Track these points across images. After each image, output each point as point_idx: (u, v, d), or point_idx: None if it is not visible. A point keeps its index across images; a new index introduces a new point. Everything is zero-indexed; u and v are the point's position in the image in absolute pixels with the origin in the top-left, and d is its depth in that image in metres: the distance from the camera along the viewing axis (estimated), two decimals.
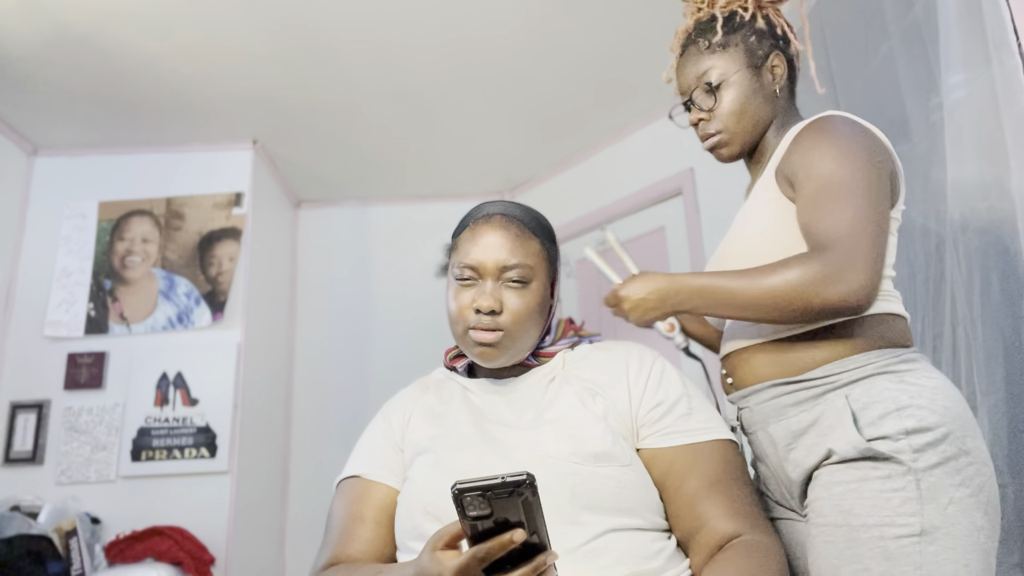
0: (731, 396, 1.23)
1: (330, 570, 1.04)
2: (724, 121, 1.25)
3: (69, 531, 2.48)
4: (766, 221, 1.17)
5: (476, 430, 1.08)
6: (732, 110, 1.24)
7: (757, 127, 1.26)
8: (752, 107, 1.24)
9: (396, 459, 1.13)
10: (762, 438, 1.15)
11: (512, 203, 1.18)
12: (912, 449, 0.97)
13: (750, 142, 1.27)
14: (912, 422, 0.98)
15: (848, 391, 1.05)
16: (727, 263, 1.20)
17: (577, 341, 1.21)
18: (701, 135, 1.29)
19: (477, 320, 1.08)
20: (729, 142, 1.26)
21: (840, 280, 1.00)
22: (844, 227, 1.02)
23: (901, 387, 1.02)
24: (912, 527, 0.95)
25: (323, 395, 3.61)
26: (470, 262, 1.10)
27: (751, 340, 1.16)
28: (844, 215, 1.03)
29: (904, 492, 0.96)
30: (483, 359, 1.10)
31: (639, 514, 0.99)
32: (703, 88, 1.26)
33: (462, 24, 2.58)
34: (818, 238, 1.04)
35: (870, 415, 1.01)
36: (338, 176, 3.66)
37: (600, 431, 1.02)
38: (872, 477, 0.98)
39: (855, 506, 0.98)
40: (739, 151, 1.28)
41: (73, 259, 3.07)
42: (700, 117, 1.28)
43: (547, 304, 1.16)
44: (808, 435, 1.07)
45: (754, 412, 1.16)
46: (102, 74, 2.73)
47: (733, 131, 1.25)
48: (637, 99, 3.12)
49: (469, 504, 0.70)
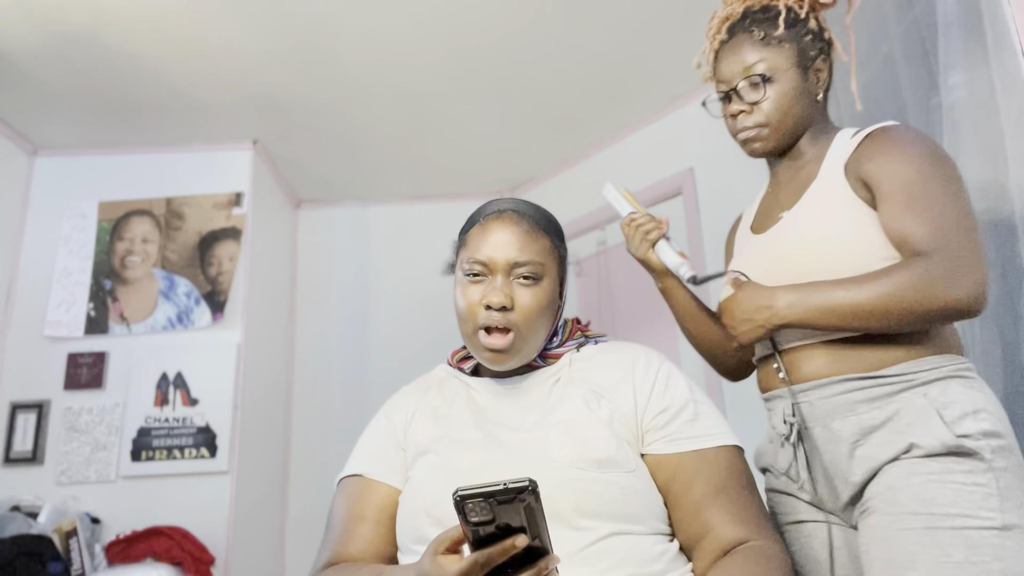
0: (782, 390, 1.21)
1: (331, 569, 1.04)
2: (768, 116, 1.23)
3: (69, 531, 2.48)
4: (847, 221, 1.15)
5: (479, 431, 1.07)
6: (779, 107, 1.23)
7: (797, 128, 1.25)
8: (797, 107, 1.23)
9: (398, 458, 1.12)
10: (821, 434, 1.14)
11: (522, 200, 1.17)
12: (991, 450, 1.01)
13: (787, 141, 1.26)
14: (987, 425, 1.03)
15: (925, 390, 1.07)
16: (806, 266, 1.16)
17: (583, 342, 1.19)
18: (738, 127, 1.26)
19: (487, 317, 1.06)
20: (767, 137, 1.25)
21: (957, 282, 1.01)
22: (950, 229, 1.04)
23: (973, 391, 1.06)
24: (993, 521, 0.97)
25: (323, 395, 3.61)
26: (481, 257, 1.09)
27: (817, 336, 1.16)
28: (946, 218, 1.05)
29: (986, 488, 0.99)
30: (493, 364, 1.09)
31: (642, 520, 0.98)
32: (750, 80, 1.23)
33: (462, 24, 2.58)
34: (922, 242, 1.05)
35: (950, 414, 1.03)
36: (338, 176, 3.66)
37: (605, 436, 1.01)
38: (955, 471, 1.01)
39: (937, 496, 1.00)
40: (773, 148, 1.26)
41: (73, 259, 3.07)
42: (742, 109, 1.25)
43: (556, 303, 1.15)
44: (882, 431, 1.08)
45: (816, 407, 1.15)
46: (102, 74, 2.73)
47: (774, 127, 1.24)
48: (637, 99, 3.12)
49: (471, 510, 0.70)
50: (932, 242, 1.04)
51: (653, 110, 3.19)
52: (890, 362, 1.10)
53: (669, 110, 3.16)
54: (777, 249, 1.23)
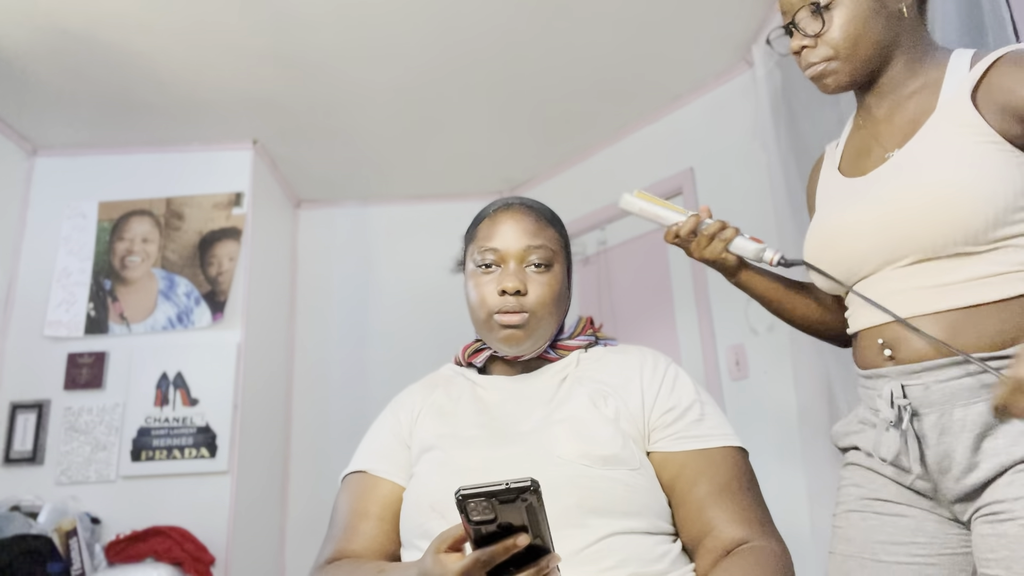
0: (887, 369, 1.03)
1: (333, 565, 1.04)
2: (835, 46, 1.06)
3: (69, 531, 2.48)
4: (983, 162, 0.95)
5: (484, 429, 1.08)
6: (845, 34, 1.05)
7: (876, 54, 1.06)
8: (870, 31, 1.05)
9: (403, 456, 1.13)
10: (936, 422, 0.97)
11: (527, 197, 1.21)
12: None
13: (865, 71, 1.08)
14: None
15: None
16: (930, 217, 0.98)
17: (593, 342, 1.20)
18: (803, 64, 1.10)
19: (502, 303, 1.08)
20: (838, 71, 1.07)
21: None
22: None
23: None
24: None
25: (323, 395, 3.61)
26: (493, 245, 1.12)
27: (931, 307, 0.98)
28: None
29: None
30: (509, 343, 1.10)
31: (645, 518, 0.99)
32: (809, 7, 1.06)
33: (462, 24, 2.58)
34: None
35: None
36: (338, 176, 3.66)
37: (610, 434, 1.02)
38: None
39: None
40: (849, 82, 1.09)
41: (73, 259, 3.07)
42: (803, 44, 1.08)
43: (566, 292, 1.17)
44: (1017, 422, 0.90)
45: (931, 391, 0.97)
46: (102, 74, 2.73)
47: (845, 58, 1.06)
48: (637, 99, 3.12)
49: (473, 509, 0.70)
50: None
51: (653, 110, 3.19)
52: (1021, 335, 0.91)
53: (669, 110, 3.17)
54: (889, 195, 1.03)
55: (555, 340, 1.18)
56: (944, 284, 0.97)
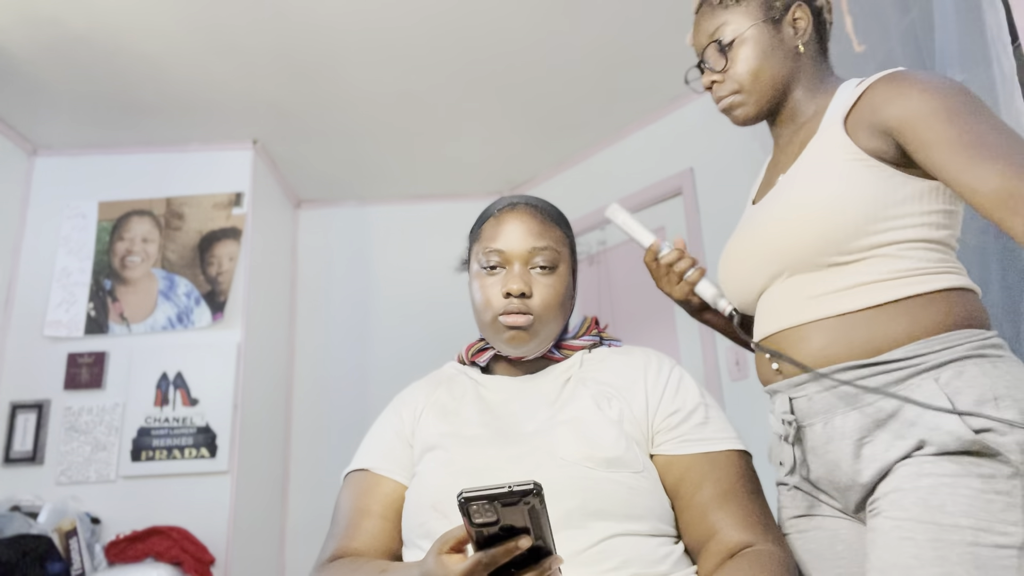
0: (778, 384, 1.06)
1: (335, 563, 1.04)
2: (739, 80, 1.13)
3: (69, 531, 2.48)
4: (842, 180, 1.00)
5: (487, 428, 1.08)
6: (747, 69, 1.12)
7: (776, 87, 1.13)
8: (770, 66, 1.12)
9: (405, 454, 1.12)
10: (821, 431, 1.00)
11: (532, 196, 1.20)
12: (1020, 448, 0.85)
13: (769, 103, 1.14)
14: (1013, 413, 0.86)
15: (937, 374, 0.91)
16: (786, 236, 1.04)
17: (597, 342, 1.20)
18: (715, 98, 1.17)
19: (507, 304, 1.08)
20: (744, 103, 1.14)
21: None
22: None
23: (996, 373, 0.90)
24: (1013, 537, 0.83)
25: (323, 395, 3.61)
26: (498, 246, 1.11)
27: (805, 317, 1.01)
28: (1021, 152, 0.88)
29: (1008, 497, 0.84)
30: (513, 344, 1.10)
31: (648, 521, 0.99)
32: (715, 46, 1.14)
33: (462, 24, 2.58)
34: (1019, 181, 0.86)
35: (966, 402, 0.88)
36: (338, 176, 3.66)
37: (614, 436, 1.02)
38: (973, 474, 0.86)
39: (947, 503, 0.85)
40: (755, 113, 1.15)
41: (73, 259, 3.07)
42: (712, 79, 1.16)
43: (570, 293, 1.16)
44: (890, 426, 0.93)
45: (814, 401, 1.00)
46: (102, 74, 2.73)
47: (749, 91, 1.13)
48: (637, 99, 3.12)
49: (475, 512, 0.70)
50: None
51: (653, 110, 3.20)
52: (894, 343, 0.94)
53: (669, 110, 3.17)
54: (767, 217, 1.10)
55: (559, 340, 1.18)
56: (817, 295, 1.01)
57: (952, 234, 1.01)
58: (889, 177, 0.98)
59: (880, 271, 0.97)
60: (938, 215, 0.98)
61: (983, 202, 0.88)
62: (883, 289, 0.96)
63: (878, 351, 0.95)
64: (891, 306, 0.96)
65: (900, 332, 0.94)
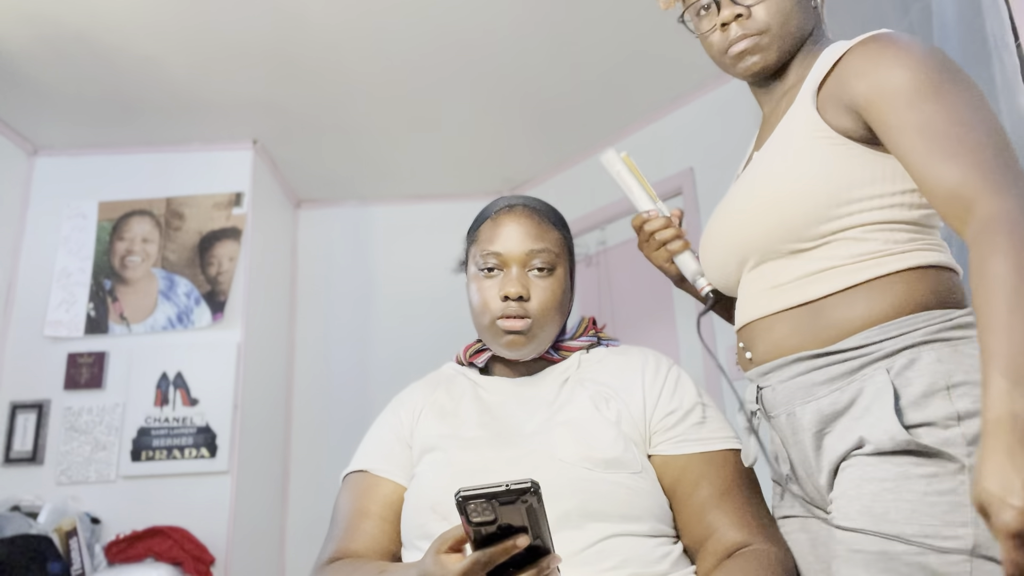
0: (749, 373, 1.01)
1: (334, 564, 1.04)
2: (768, 20, 0.99)
3: (69, 531, 2.48)
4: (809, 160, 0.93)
5: (486, 430, 1.08)
6: (780, 8, 0.99)
7: (798, 40, 1.01)
8: (798, 13, 1.00)
9: (404, 455, 1.12)
10: (786, 423, 0.95)
11: (531, 197, 1.19)
12: (966, 440, 0.77)
13: (787, 56, 1.02)
14: (966, 403, 0.78)
15: (890, 363, 0.84)
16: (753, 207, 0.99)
17: (595, 343, 1.20)
18: (732, 38, 1.01)
19: (504, 307, 1.08)
20: (766, 48, 1.00)
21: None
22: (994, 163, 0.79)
23: (957, 359, 0.81)
24: (962, 541, 0.75)
25: (323, 395, 3.61)
26: (496, 249, 1.11)
27: (772, 307, 0.96)
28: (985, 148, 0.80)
29: (953, 496, 0.76)
30: (511, 348, 1.10)
31: (646, 521, 0.99)
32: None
33: (462, 24, 2.58)
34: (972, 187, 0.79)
35: (913, 393, 0.81)
36: (338, 176, 3.66)
37: (612, 437, 1.02)
38: (914, 475, 0.79)
39: (890, 511, 0.79)
40: (774, 63, 1.02)
41: (73, 259, 3.07)
42: (738, 12, 0.99)
43: (568, 295, 1.16)
44: (844, 418, 0.87)
45: (777, 392, 0.95)
46: (102, 74, 2.73)
47: (775, 35, 0.99)
48: (637, 99, 3.12)
49: (473, 511, 0.71)
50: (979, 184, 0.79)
51: (653, 110, 3.19)
52: (854, 328, 0.88)
53: (669, 110, 3.17)
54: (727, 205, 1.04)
55: (557, 341, 1.18)
56: (781, 284, 0.95)
57: (931, 213, 0.91)
58: (856, 156, 0.91)
59: (841, 255, 0.91)
60: (912, 194, 0.90)
61: (936, 204, 0.82)
62: (842, 274, 0.90)
63: (837, 339, 0.89)
64: (850, 292, 0.89)
65: (856, 318, 0.88)
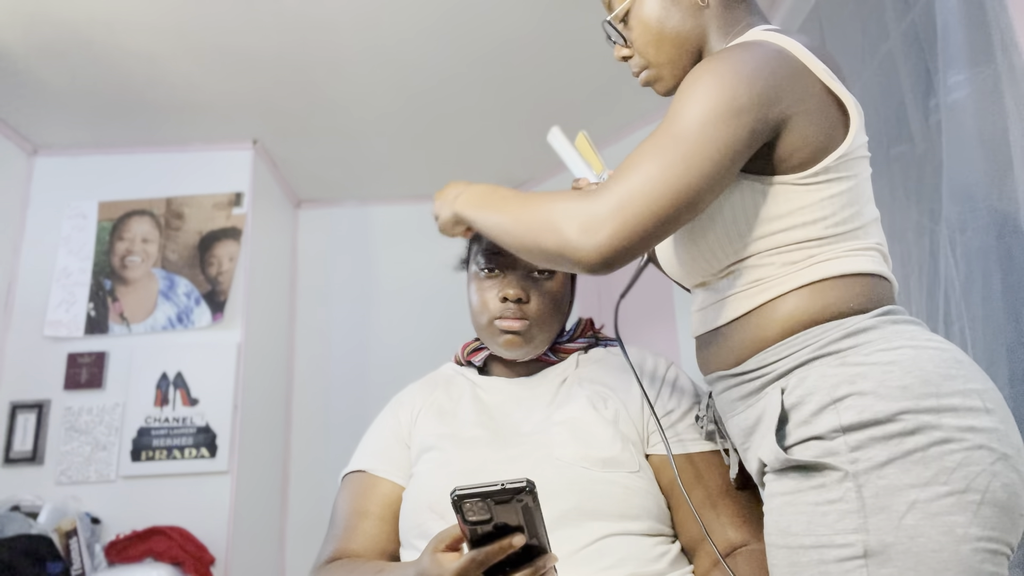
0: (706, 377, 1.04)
1: (333, 564, 1.04)
2: (643, 54, 1.00)
3: (69, 531, 2.48)
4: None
5: (484, 429, 1.08)
6: (645, 41, 0.99)
7: (687, 50, 0.98)
8: (667, 29, 0.97)
9: (403, 455, 1.13)
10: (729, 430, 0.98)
11: None
12: (849, 448, 0.76)
13: (685, 70, 0.97)
14: (851, 415, 0.77)
15: (785, 382, 0.85)
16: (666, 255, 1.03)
17: (593, 343, 1.21)
18: (633, 75, 1.05)
19: (503, 309, 1.09)
20: (660, 76, 1.01)
21: (588, 231, 0.81)
22: (633, 176, 0.82)
23: (842, 371, 0.80)
24: (854, 548, 0.74)
25: (323, 395, 3.61)
26: (496, 250, 1.11)
27: (696, 329, 0.99)
28: (646, 164, 0.82)
29: (841, 504, 0.76)
30: (509, 348, 1.10)
31: (644, 521, 0.99)
32: (613, 19, 1.02)
33: (462, 24, 2.58)
34: (609, 177, 0.85)
35: (803, 412, 0.81)
36: (338, 176, 3.66)
37: (610, 436, 1.02)
38: (805, 488, 0.79)
39: (792, 524, 0.80)
40: (674, 84, 1.01)
41: (73, 259, 3.07)
42: (623, 55, 1.04)
43: (568, 298, 1.17)
44: (755, 435, 0.89)
45: (717, 403, 0.98)
46: (102, 74, 2.73)
47: (657, 63, 1.00)
48: (636, 99, 3.12)
49: (469, 510, 0.71)
50: (610, 179, 0.84)
51: (653, 110, 3.19)
52: (752, 350, 0.88)
53: None
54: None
55: (555, 343, 1.18)
56: (701, 308, 0.98)
57: (836, 220, 0.87)
58: (745, 189, 0.89)
59: (741, 283, 0.91)
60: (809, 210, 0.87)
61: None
62: (743, 299, 0.90)
63: (742, 359, 0.90)
64: (743, 318, 0.90)
65: (751, 342, 0.89)
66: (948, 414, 0.76)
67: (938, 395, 0.77)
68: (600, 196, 0.82)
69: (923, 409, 0.76)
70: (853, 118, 0.89)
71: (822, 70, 0.88)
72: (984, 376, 0.82)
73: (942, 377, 0.78)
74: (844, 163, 0.88)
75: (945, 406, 0.76)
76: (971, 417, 0.76)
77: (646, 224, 0.80)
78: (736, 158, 0.83)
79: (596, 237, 0.80)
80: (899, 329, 0.83)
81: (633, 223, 0.80)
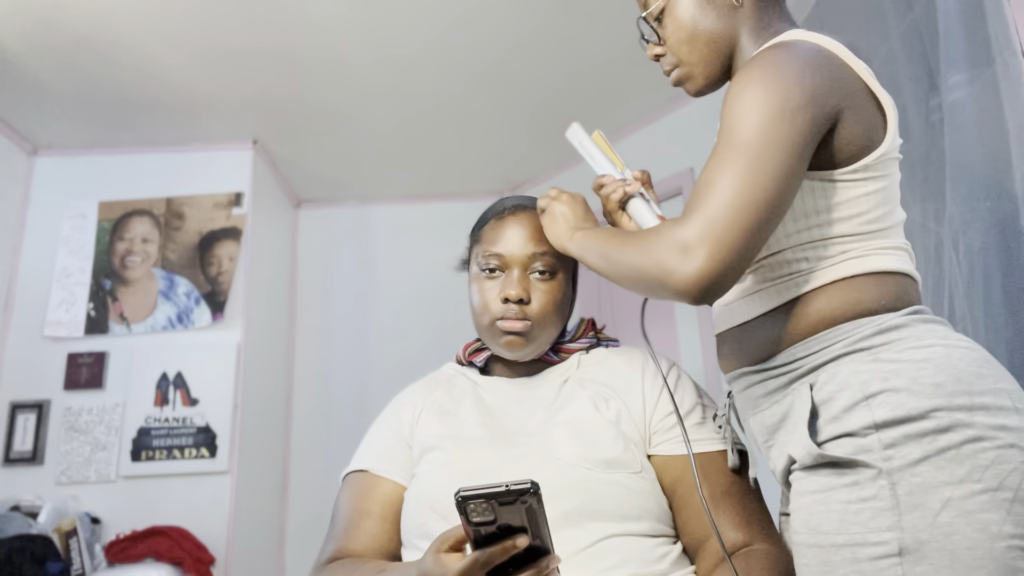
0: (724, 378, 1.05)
1: (334, 564, 1.04)
2: (676, 52, 1.03)
3: (69, 531, 2.47)
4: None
5: (486, 430, 1.08)
6: (678, 39, 1.01)
7: (719, 50, 1.00)
8: (701, 29, 0.99)
9: (404, 455, 1.13)
10: (749, 428, 0.98)
11: (534, 198, 1.19)
12: (883, 445, 0.76)
13: (718, 68, 1.02)
14: (884, 412, 0.77)
15: (814, 378, 0.85)
16: None
17: (595, 343, 1.20)
18: (664, 73, 1.08)
19: (505, 309, 1.09)
20: (690, 75, 1.04)
21: (685, 257, 0.80)
22: (711, 195, 0.82)
23: (874, 367, 0.81)
24: (889, 546, 0.74)
25: (323, 395, 3.61)
26: (498, 250, 1.11)
27: (721, 324, 0.99)
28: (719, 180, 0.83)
29: (875, 502, 0.75)
30: (510, 349, 1.10)
31: (646, 521, 0.99)
32: (646, 18, 1.05)
33: (462, 24, 2.58)
34: (687, 205, 0.85)
35: (834, 408, 0.81)
36: (338, 176, 3.66)
37: (611, 436, 1.02)
38: (837, 486, 0.79)
39: (823, 522, 0.79)
40: (705, 83, 1.04)
41: (73, 259, 3.07)
42: (656, 53, 1.06)
43: (569, 298, 1.17)
44: (781, 432, 0.89)
45: (737, 401, 0.99)
46: (102, 74, 2.73)
47: (689, 63, 1.02)
48: (636, 99, 3.12)
49: (472, 511, 0.71)
50: (690, 206, 0.83)
51: (653, 110, 3.19)
52: (783, 344, 0.89)
53: (669, 110, 3.17)
54: None
55: (556, 343, 1.18)
56: (726, 303, 0.98)
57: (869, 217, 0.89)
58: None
59: (763, 279, 0.92)
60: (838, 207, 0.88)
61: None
62: (765, 298, 0.91)
63: (770, 354, 0.90)
64: (772, 313, 0.91)
65: (785, 333, 0.89)
66: (980, 412, 0.76)
67: (970, 393, 0.77)
68: (686, 223, 0.82)
69: (956, 407, 0.76)
70: (890, 118, 0.90)
71: (863, 68, 0.89)
72: (1011, 376, 0.83)
73: (974, 376, 0.78)
74: (882, 162, 0.89)
75: (977, 404, 0.76)
76: (1002, 416, 0.76)
77: (736, 239, 0.80)
78: (803, 154, 0.84)
79: (695, 262, 0.80)
80: (930, 328, 0.84)
81: (726, 240, 0.80)
